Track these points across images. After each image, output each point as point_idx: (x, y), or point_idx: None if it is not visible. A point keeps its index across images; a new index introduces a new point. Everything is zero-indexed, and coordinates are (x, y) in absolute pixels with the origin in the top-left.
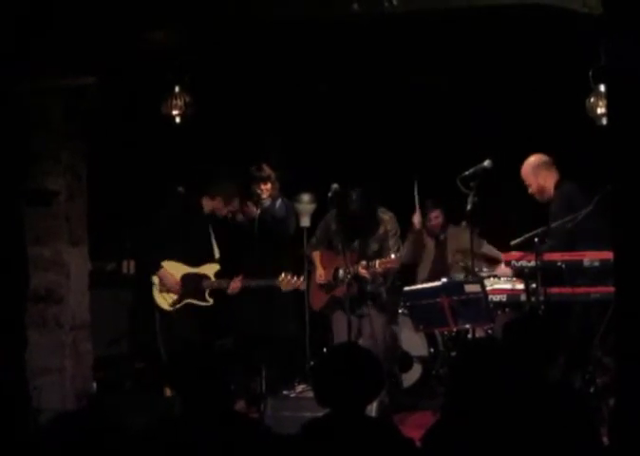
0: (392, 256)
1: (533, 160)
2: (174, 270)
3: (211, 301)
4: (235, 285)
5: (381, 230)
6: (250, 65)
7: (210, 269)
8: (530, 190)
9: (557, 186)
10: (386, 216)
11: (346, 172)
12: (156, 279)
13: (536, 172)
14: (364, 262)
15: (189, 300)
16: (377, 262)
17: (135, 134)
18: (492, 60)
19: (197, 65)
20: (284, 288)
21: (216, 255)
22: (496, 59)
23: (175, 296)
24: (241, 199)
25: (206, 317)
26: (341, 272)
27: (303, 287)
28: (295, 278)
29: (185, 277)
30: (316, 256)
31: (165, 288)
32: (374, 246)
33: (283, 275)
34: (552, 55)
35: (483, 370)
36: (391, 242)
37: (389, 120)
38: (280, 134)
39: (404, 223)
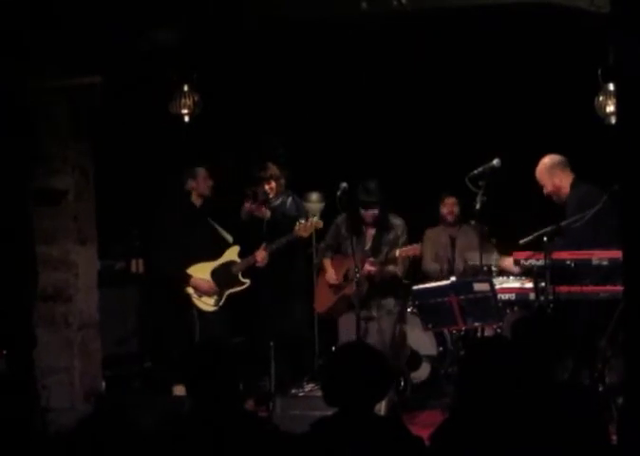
0: (415, 244)
1: (548, 160)
2: (201, 272)
3: (248, 282)
4: (261, 255)
5: (392, 235)
6: (257, 63)
7: (232, 253)
8: (545, 191)
9: (572, 187)
10: (398, 221)
11: (354, 171)
12: (190, 289)
13: (552, 172)
14: (371, 259)
15: (229, 291)
16: (397, 251)
17: (142, 133)
18: (501, 58)
19: (203, 63)
20: (304, 233)
21: (230, 239)
22: (504, 57)
23: (214, 295)
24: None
25: (241, 314)
26: (351, 271)
27: (320, 225)
28: (310, 220)
29: (215, 273)
30: (327, 262)
31: (203, 293)
32: (385, 249)
33: (297, 223)
34: (560, 54)
35: (492, 368)
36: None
37: (398, 118)
38: (288, 133)
39: (414, 223)
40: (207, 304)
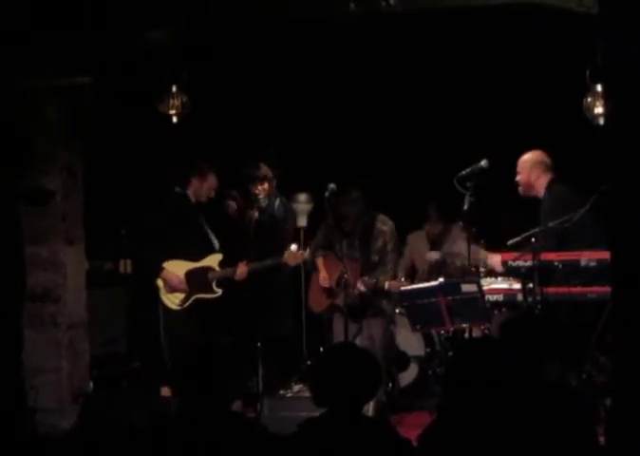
0: (403, 279)
1: (532, 156)
2: (176, 268)
3: (219, 292)
4: (242, 270)
5: (380, 242)
6: (246, 64)
7: (213, 260)
8: (517, 179)
9: (549, 187)
10: (386, 227)
11: (343, 171)
12: (160, 282)
13: (531, 168)
14: (366, 279)
15: (197, 295)
16: (387, 284)
17: (131, 133)
18: (489, 59)
19: (193, 64)
20: (291, 262)
21: (216, 246)
22: (492, 58)
23: (182, 295)
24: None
25: (211, 316)
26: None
27: (306, 258)
28: (301, 250)
29: (189, 273)
30: (319, 261)
31: (171, 288)
32: (374, 258)
33: (287, 250)
34: (549, 54)
35: (480, 369)
36: (389, 257)
37: (387, 119)
38: (277, 133)
39: (400, 225)
40: (172, 302)
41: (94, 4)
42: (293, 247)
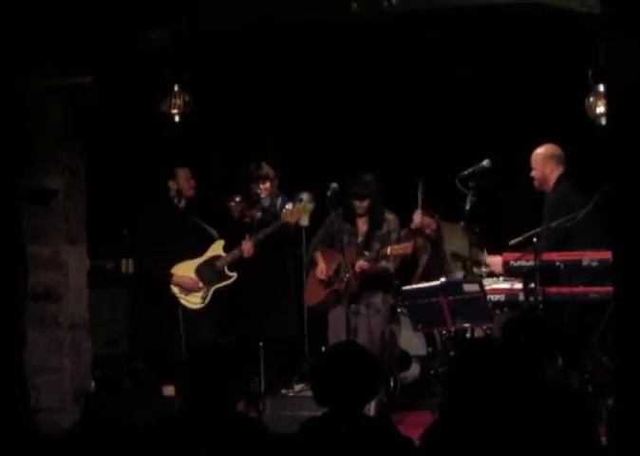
0: (405, 242)
1: (544, 149)
2: (185, 270)
3: (234, 275)
4: (247, 246)
5: (384, 229)
6: (246, 64)
7: (217, 248)
8: (533, 173)
9: (556, 184)
10: (391, 216)
11: (344, 171)
12: (175, 288)
13: (546, 161)
14: (366, 253)
15: (214, 287)
16: (389, 248)
17: (132, 133)
18: (491, 59)
19: (194, 63)
20: (291, 219)
21: (215, 235)
22: (495, 58)
23: (200, 292)
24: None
25: (229, 313)
26: (342, 267)
27: (308, 209)
28: (297, 203)
29: (199, 269)
30: (318, 255)
31: (188, 291)
32: (376, 244)
33: (284, 209)
34: (551, 54)
35: (482, 369)
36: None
37: (389, 119)
38: (278, 133)
39: (402, 225)
40: (193, 302)
41: (94, 4)
42: (289, 205)
